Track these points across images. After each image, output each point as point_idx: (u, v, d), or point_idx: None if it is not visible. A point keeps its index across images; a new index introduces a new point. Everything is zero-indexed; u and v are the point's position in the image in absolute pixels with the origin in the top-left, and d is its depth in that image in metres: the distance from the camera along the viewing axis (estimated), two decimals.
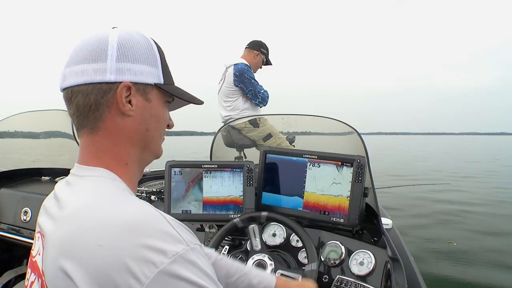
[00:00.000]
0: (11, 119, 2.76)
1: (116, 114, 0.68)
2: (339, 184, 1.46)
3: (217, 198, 1.58)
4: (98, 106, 0.67)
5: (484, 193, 8.98)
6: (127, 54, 0.68)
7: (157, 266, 0.53)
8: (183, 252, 0.56)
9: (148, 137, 0.73)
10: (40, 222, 0.71)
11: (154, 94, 0.72)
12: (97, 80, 0.66)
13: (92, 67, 0.66)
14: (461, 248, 4.75)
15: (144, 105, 0.71)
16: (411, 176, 11.72)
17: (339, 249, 1.42)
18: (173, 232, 0.58)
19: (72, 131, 2.43)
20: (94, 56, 0.67)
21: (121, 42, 0.68)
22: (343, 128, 1.80)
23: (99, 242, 0.54)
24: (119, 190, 0.67)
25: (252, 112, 3.52)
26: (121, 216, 0.58)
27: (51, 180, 2.45)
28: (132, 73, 0.68)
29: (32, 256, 0.72)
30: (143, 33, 0.74)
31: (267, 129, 3.21)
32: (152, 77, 0.71)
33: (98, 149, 0.69)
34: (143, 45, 0.71)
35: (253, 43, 3.59)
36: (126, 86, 0.67)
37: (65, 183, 0.71)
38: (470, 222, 6.13)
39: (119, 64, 0.67)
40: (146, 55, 0.71)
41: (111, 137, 0.69)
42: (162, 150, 0.80)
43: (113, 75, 0.66)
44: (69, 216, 0.62)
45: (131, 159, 0.72)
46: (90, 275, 0.53)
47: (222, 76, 3.55)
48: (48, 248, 0.62)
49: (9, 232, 2.07)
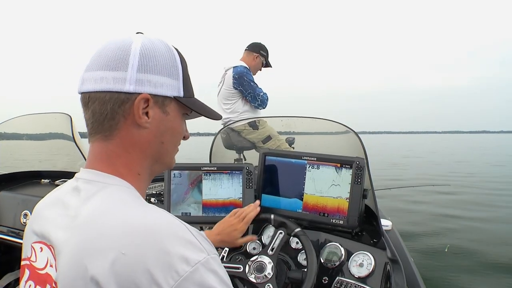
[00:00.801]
0: (11, 122, 2.76)
1: (132, 124, 0.67)
2: (338, 186, 1.47)
3: (216, 201, 1.59)
4: (114, 115, 0.66)
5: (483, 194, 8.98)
6: (148, 64, 0.66)
7: (180, 275, 0.53)
8: (205, 261, 0.56)
9: (162, 150, 0.72)
10: (43, 232, 0.68)
11: (172, 107, 0.70)
12: (115, 89, 0.65)
13: (112, 75, 0.65)
14: (460, 248, 4.74)
15: (161, 118, 0.69)
16: (406, 178, 11.62)
17: (339, 250, 1.42)
18: (194, 240, 0.58)
19: (71, 134, 2.43)
20: (115, 64, 0.65)
21: (144, 52, 0.66)
22: (342, 129, 1.80)
23: (122, 250, 0.54)
24: (135, 198, 0.66)
25: (251, 114, 3.52)
26: (142, 223, 0.58)
27: (51, 183, 2.44)
28: (152, 84, 0.66)
29: (37, 268, 0.68)
30: (167, 43, 0.72)
31: (267, 131, 3.21)
32: (172, 89, 0.69)
33: (110, 156, 0.68)
34: (166, 56, 0.69)
35: (252, 45, 3.59)
36: (144, 98, 0.66)
37: (72, 190, 0.68)
38: (470, 222, 6.12)
39: (139, 75, 0.65)
40: (168, 66, 0.69)
41: (125, 147, 0.68)
42: (175, 161, 0.79)
43: (132, 86, 0.65)
44: (86, 223, 0.60)
45: (143, 170, 0.71)
46: (115, 280, 0.53)
47: (221, 78, 3.55)
48: (62, 257, 0.60)
49: (8, 234, 2.07)
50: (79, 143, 2.37)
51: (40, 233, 0.69)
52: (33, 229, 0.71)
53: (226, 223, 1.37)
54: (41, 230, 0.68)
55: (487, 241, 5.10)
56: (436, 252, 4.65)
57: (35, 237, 0.70)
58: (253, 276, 1.23)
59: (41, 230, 0.68)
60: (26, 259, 0.71)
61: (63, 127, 2.50)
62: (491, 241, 5.11)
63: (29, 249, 0.71)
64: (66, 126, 2.44)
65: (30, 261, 0.70)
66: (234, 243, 1.35)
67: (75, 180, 0.70)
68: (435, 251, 4.69)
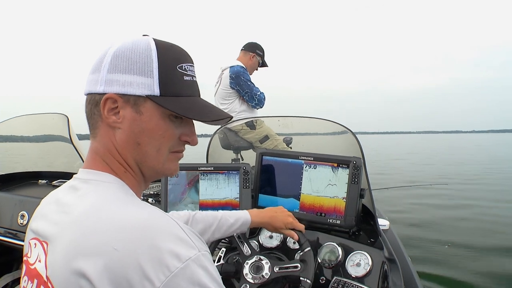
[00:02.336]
0: (8, 122, 2.75)
1: (107, 124, 0.68)
2: (335, 186, 1.47)
3: (212, 201, 1.59)
4: (92, 115, 0.69)
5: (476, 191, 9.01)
6: (118, 64, 0.66)
7: (171, 271, 0.54)
8: (196, 257, 0.57)
9: (142, 152, 0.69)
10: (38, 228, 0.70)
11: (148, 107, 0.67)
12: (92, 90, 0.68)
13: (92, 77, 0.68)
14: (460, 248, 4.75)
15: (133, 117, 0.67)
16: (391, 178, 11.50)
17: (336, 250, 1.42)
18: (186, 237, 0.59)
19: (69, 135, 2.42)
20: (95, 66, 0.68)
21: (118, 53, 0.67)
22: (339, 129, 1.81)
23: (114, 246, 0.55)
24: (128, 195, 0.67)
25: (248, 114, 3.52)
26: (134, 220, 0.59)
27: (48, 184, 2.44)
28: (119, 84, 0.66)
29: (30, 263, 0.70)
30: (151, 41, 0.68)
31: (264, 131, 3.21)
32: (142, 88, 0.66)
33: (98, 153, 0.70)
34: (141, 54, 0.67)
35: (248, 45, 3.58)
36: (110, 98, 0.66)
37: (68, 188, 0.70)
38: (469, 222, 6.13)
39: (109, 75, 0.66)
40: (139, 64, 0.66)
41: (106, 146, 0.69)
42: (171, 169, 0.74)
43: (102, 87, 0.66)
44: (79, 219, 0.61)
45: (129, 168, 0.71)
46: (107, 276, 0.54)
47: (218, 78, 3.55)
48: (56, 253, 0.61)
49: (6, 236, 2.06)
50: (76, 144, 2.37)
51: (35, 230, 0.71)
52: (31, 227, 0.73)
53: (280, 209, 1.31)
54: (37, 227, 0.71)
55: (486, 240, 5.11)
56: (434, 251, 4.66)
57: (32, 234, 0.72)
58: (250, 277, 1.23)
59: (37, 227, 0.71)
60: (25, 255, 0.73)
61: (60, 128, 2.49)
62: (489, 241, 5.12)
63: (27, 246, 0.73)
64: (63, 126, 2.43)
65: (27, 257, 0.72)
66: (278, 229, 1.27)
67: (73, 179, 0.72)
68: (434, 250, 4.70)
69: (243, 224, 1.21)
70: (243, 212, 1.22)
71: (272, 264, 1.24)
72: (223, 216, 1.18)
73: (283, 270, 1.22)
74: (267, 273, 1.23)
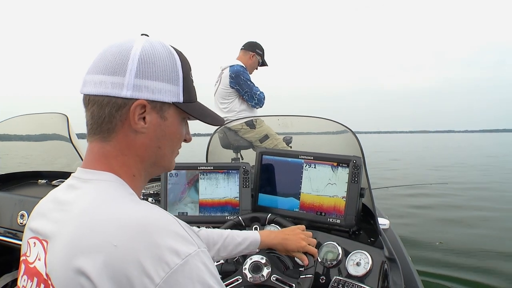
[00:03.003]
0: (7, 122, 2.74)
1: (129, 129, 0.68)
2: (334, 185, 1.47)
3: (212, 200, 1.58)
4: (111, 119, 0.67)
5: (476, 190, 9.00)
6: (147, 70, 0.66)
7: (171, 267, 0.55)
8: (195, 253, 0.58)
9: (159, 154, 0.72)
10: (37, 227, 0.69)
11: (171, 112, 0.70)
12: (113, 94, 0.66)
13: (110, 79, 0.66)
14: (459, 248, 4.75)
15: (158, 123, 0.69)
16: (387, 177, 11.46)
17: (336, 250, 1.41)
18: (185, 234, 0.60)
19: (68, 134, 2.42)
20: (114, 69, 0.66)
21: (143, 57, 0.66)
22: (339, 128, 1.80)
23: (114, 243, 0.56)
24: (128, 194, 0.67)
25: (248, 113, 3.52)
26: (134, 217, 0.59)
27: (48, 183, 2.44)
28: (149, 90, 0.66)
29: (29, 262, 0.70)
30: (169, 47, 0.71)
31: (264, 130, 3.21)
32: (170, 95, 0.69)
33: (107, 156, 0.69)
34: (166, 61, 0.68)
35: (248, 44, 3.58)
36: (140, 104, 0.66)
37: (67, 187, 0.70)
38: (469, 222, 6.13)
39: (137, 80, 0.66)
40: (167, 72, 0.68)
41: (121, 149, 0.69)
42: (174, 164, 0.78)
43: (129, 91, 0.65)
44: (78, 216, 0.61)
45: (139, 172, 0.71)
46: (107, 273, 0.54)
47: (218, 78, 3.54)
48: (56, 250, 0.61)
49: (5, 235, 2.06)
50: (76, 144, 2.36)
51: (34, 229, 0.70)
52: (29, 226, 0.73)
53: (293, 231, 1.28)
54: (36, 226, 0.70)
55: (486, 240, 5.11)
56: (433, 250, 4.66)
57: (31, 233, 0.71)
58: (247, 272, 1.24)
59: (36, 226, 0.70)
60: (23, 255, 0.73)
61: (60, 127, 2.49)
62: (488, 239, 5.12)
63: (26, 245, 0.73)
64: (63, 126, 2.43)
65: (25, 256, 0.72)
66: (290, 251, 1.24)
67: (71, 178, 0.71)
68: (432, 249, 4.70)
69: (252, 244, 1.17)
70: (252, 232, 1.21)
71: (272, 270, 1.25)
72: (229, 235, 1.15)
73: (278, 282, 1.23)
74: (263, 276, 1.23)
